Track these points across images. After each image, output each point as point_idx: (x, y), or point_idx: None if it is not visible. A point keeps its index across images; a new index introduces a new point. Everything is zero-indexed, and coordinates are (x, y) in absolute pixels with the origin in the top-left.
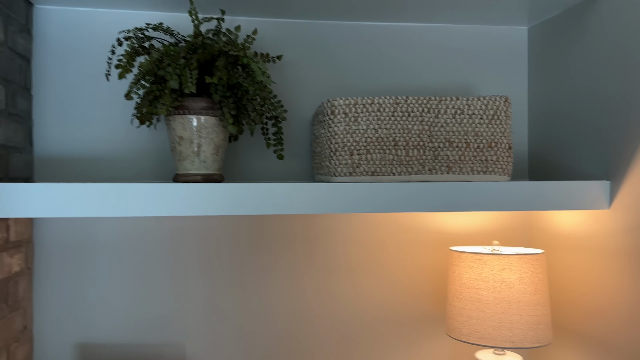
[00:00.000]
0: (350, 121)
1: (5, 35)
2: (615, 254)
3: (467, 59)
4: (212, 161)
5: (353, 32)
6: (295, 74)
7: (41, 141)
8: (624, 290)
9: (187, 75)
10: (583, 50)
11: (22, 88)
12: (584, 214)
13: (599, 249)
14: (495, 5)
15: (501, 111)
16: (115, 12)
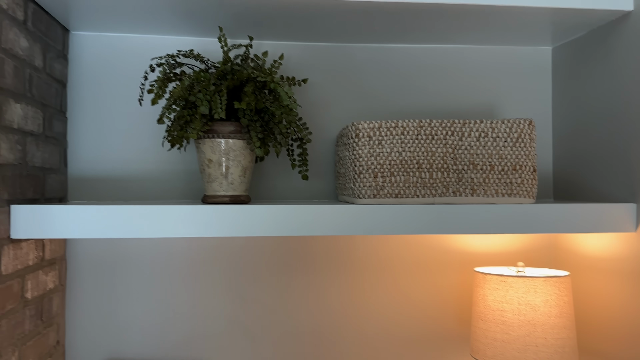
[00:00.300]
0: (375, 144)
1: (43, 62)
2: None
3: (491, 79)
4: (239, 183)
5: (377, 54)
6: (321, 96)
7: (75, 162)
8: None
9: (217, 101)
10: (607, 72)
11: (58, 111)
12: (610, 236)
13: (625, 272)
14: (519, 26)
15: (525, 134)
16: (147, 38)
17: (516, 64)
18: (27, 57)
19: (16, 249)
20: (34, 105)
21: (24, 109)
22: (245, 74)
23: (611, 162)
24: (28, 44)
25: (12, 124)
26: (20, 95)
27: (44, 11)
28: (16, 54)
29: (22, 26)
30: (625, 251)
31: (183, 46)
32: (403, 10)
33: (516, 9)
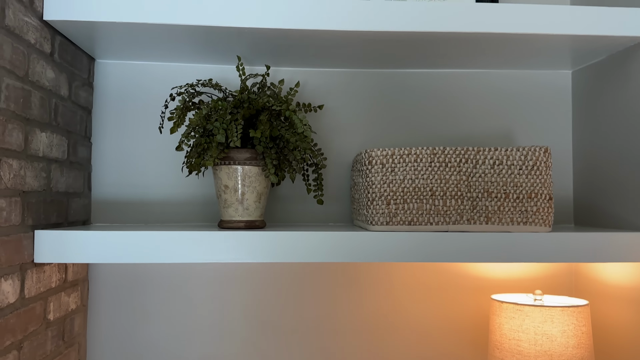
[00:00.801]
0: (388, 171)
1: (69, 91)
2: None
3: (510, 104)
4: (255, 208)
5: (393, 79)
6: (338, 121)
7: (99, 186)
8: None
9: (233, 130)
10: (626, 98)
11: (83, 137)
12: (631, 264)
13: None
14: (538, 52)
15: (541, 162)
16: (169, 65)
17: (535, 88)
18: (53, 87)
19: (39, 272)
20: (59, 132)
21: (49, 137)
22: (260, 102)
23: (630, 189)
24: (54, 74)
25: (37, 152)
26: (45, 125)
27: (71, 42)
28: (43, 85)
29: (49, 58)
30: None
31: (204, 73)
32: (420, 40)
33: (536, 37)
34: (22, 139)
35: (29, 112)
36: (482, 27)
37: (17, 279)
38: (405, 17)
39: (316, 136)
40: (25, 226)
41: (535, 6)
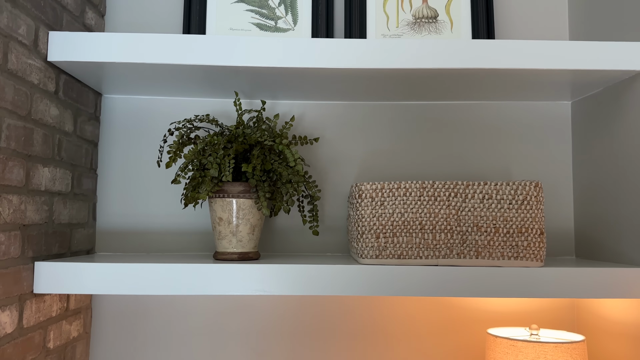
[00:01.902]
0: (377, 205)
1: (74, 126)
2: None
3: (510, 134)
4: (248, 240)
5: (390, 111)
6: (334, 152)
7: (104, 216)
8: None
9: (226, 165)
10: (624, 130)
11: (88, 169)
12: (629, 299)
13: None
14: (536, 84)
15: (532, 196)
16: (172, 100)
17: (535, 119)
18: (57, 123)
19: (39, 302)
20: (63, 167)
21: (52, 171)
22: (253, 137)
23: (628, 223)
24: (59, 111)
25: (39, 186)
26: (48, 160)
27: (76, 80)
28: (46, 122)
29: (54, 96)
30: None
31: (206, 106)
32: (416, 76)
33: (532, 71)
34: (23, 175)
35: (30, 149)
36: (479, 63)
37: (15, 309)
38: (402, 55)
39: (313, 167)
40: (25, 258)
41: (531, 42)
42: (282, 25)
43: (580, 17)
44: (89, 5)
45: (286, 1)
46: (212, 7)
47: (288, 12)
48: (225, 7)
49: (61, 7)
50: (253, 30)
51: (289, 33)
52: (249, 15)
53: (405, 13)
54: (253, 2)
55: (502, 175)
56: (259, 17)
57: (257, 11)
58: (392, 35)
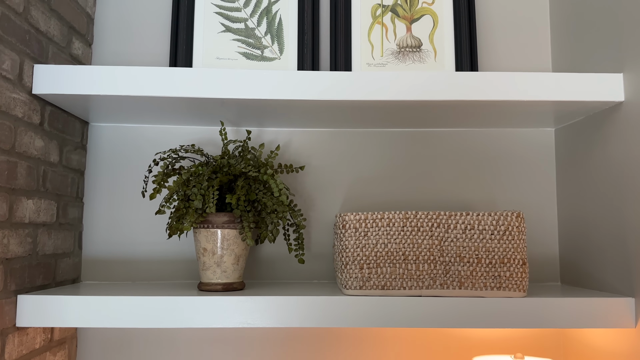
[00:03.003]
0: (361, 235)
1: (59, 156)
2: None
3: (494, 160)
4: (232, 271)
5: (375, 137)
6: (321, 178)
7: (90, 244)
8: None
9: (210, 196)
10: (604, 159)
11: (74, 198)
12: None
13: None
14: (520, 114)
15: (513, 227)
16: (160, 127)
17: (519, 146)
18: (42, 155)
19: (22, 335)
20: (48, 197)
21: (37, 203)
22: (238, 168)
23: (610, 251)
24: (43, 143)
25: (23, 219)
26: (33, 192)
27: (63, 110)
28: (30, 154)
29: (38, 128)
30: (626, 347)
31: (192, 133)
32: (399, 107)
33: (516, 102)
34: (7, 209)
35: (14, 183)
36: (463, 95)
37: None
38: (387, 87)
39: (300, 194)
40: (7, 292)
41: (513, 74)
42: (269, 54)
43: (563, 47)
44: (75, 35)
45: (272, 31)
46: (198, 36)
47: (274, 42)
48: (212, 37)
49: (47, 39)
50: (240, 60)
51: (275, 62)
52: (235, 44)
53: (389, 42)
54: (239, 31)
55: (486, 202)
56: (246, 46)
57: (243, 40)
58: (377, 64)
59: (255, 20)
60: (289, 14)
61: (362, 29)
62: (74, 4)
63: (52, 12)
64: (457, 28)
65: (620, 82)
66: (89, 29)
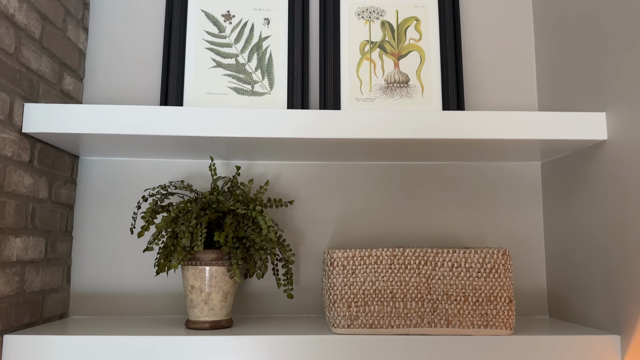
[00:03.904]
0: (349, 273)
1: (49, 192)
2: None
3: (481, 193)
4: (220, 308)
5: (366, 170)
6: (311, 211)
7: (78, 279)
8: None
9: (198, 235)
10: (588, 195)
11: (63, 233)
12: None
13: None
14: (506, 150)
15: (499, 264)
16: (151, 161)
17: (506, 179)
18: (31, 192)
19: None
20: (36, 234)
21: (25, 240)
22: (226, 205)
23: (595, 287)
24: (33, 180)
25: (10, 258)
26: (21, 230)
27: (53, 146)
28: (19, 193)
29: (28, 166)
30: None
31: (182, 167)
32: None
33: (502, 141)
34: None
35: (2, 222)
36: (449, 134)
37: None
38: (375, 126)
39: (289, 227)
40: None
41: (499, 113)
42: (259, 89)
43: (548, 85)
44: (67, 71)
45: (263, 66)
46: (190, 70)
47: (265, 77)
48: (203, 72)
49: (38, 77)
50: (230, 95)
51: (265, 97)
52: (226, 79)
53: (377, 78)
54: (230, 67)
55: (475, 235)
56: (236, 81)
57: (234, 75)
58: (366, 99)
59: (246, 56)
60: (279, 50)
61: (350, 65)
62: (65, 40)
63: (44, 50)
64: (444, 64)
65: (603, 121)
66: (81, 64)
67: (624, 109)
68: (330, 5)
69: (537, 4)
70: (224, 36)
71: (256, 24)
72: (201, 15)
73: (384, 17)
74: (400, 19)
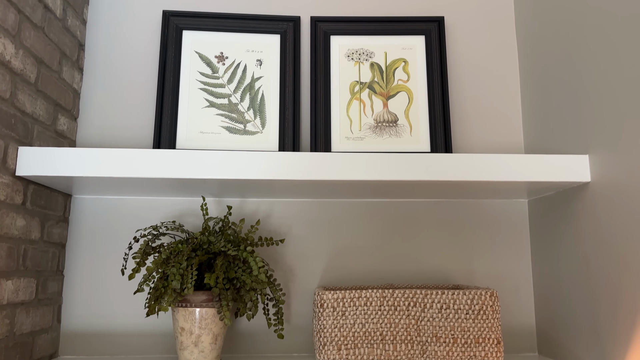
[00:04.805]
0: (339, 315)
1: (41, 233)
2: None
3: (470, 230)
4: (210, 350)
5: (357, 207)
6: (302, 248)
7: (69, 317)
8: None
9: (188, 277)
10: (573, 234)
11: (54, 272)
12: None
13: None
14: (493, 190)
15: (487, 306)
16: (142, 199)
17: (494, 216)
18: (23, 234)
19: None
20: (28, 275)
21: (16, 283)
22: (217, 246)
23: (583, 325)
24: (25, 222)
25: (1, 301)
26: (12, 272)
27: (46, 187)
28: (11, 235)
29: (20, 208)
30: None
31: (174, 204)
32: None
33: (490, 183)
34: None
35: None
36: (437, 176)
37: None
38: (364, 168)
39: (280, 265)
40: None
41: (486, 156)
42: (251, 128)
43: (534, 127)
44: (61, 111)
45: (255, 106)
46: (183, 110)
47: (257, 116)
48: (196, 111)
49: (32, 119)
50: (223, 134)
51: (257, 136)
52: (219, 119)
53: (367, 117)
54: (223, 106)
55: (464, 272)
56: (229, 120)
57: (226, 115)
58: (356, 137)
59: (239, 96)
60: (271, 90)
61: (341, 104)
62: (60, 82)
63: (39, 93)
64: (432, 104)
65: (586, 163)
66: (75, 104)
67: (607, 151)
68: (320, 47)
69: (522, 47)
70: (217, 77)
71: (249, 65)
72: (195, 57)
73: (373, 58)
74: (388, 60)
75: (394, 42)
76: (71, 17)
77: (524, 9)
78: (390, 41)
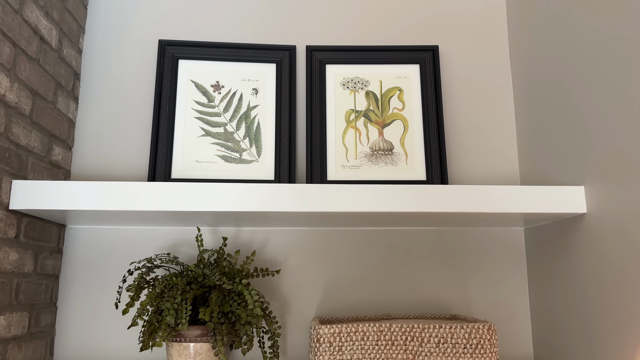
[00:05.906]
0: (335, 350)
1: (34, 265)
2: None
3: (466, 258)
4: None
5: (353, 236)
6: (297, 277)
7: (62, 350)
8: None
9: (183, 312)
10: (570, 262)
11: (47, 304)
12: None
13: None
14: (489, 220)
15: (485, 339)
16: (137, 229)
17: (490, 244)
18: (16, 268)
19: None
20: (20, 309)
21: (8, 318)
22: (212, 280)
23: (580, 354)
24: (18, 255)
25: None
26: (4, 307)
27: (39, 218)
28: (4, 270)
29: (14, 241)
30: None
31: (169, 234)
32: (380, 215)
33: (485, 214)
34: None
35: None
36: (433, 207)
37: None
38: (360, 200)
39: (276, 295)
40: None
41: (483, 187)
42: (247, 157)
43: (529, 158)
44: (56, 141)
45: (251, 134)
46: (179, 139)
47: (252, 145)
48: (191, 140)
49: (27, 151)
50: (218, 162)
51: (253, 164)
52: (214, 147)
53: (363, 145)
54: (219, 135)
55: (461, 301)
56: (224, 149)
57: (222, 144)
58: (351, 166)
59: (235, 125)
60: (267, 119)
61: (336, 133)
62: (55, 112)
63: (34, 124)
64: (427, 132)
65: (582, 194)
66: (70, 133)
67: (602, 183)
68: (316, 76)
69: (516, 76)
70: (213, 105)
71: (245, 93)
72: (191, 86)
73: (368, 87)
74: (384, 89)
75: (389, 71)
76: (67, 47)
77: (517, 38)
78: (385, 70)
